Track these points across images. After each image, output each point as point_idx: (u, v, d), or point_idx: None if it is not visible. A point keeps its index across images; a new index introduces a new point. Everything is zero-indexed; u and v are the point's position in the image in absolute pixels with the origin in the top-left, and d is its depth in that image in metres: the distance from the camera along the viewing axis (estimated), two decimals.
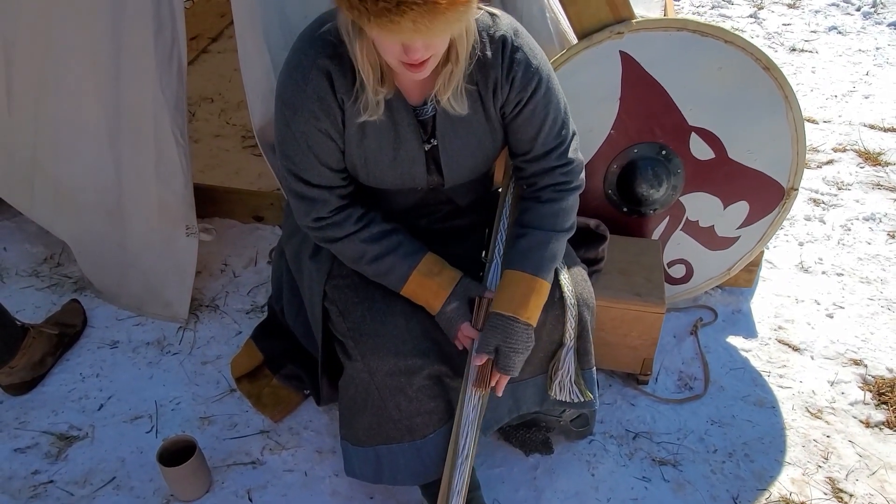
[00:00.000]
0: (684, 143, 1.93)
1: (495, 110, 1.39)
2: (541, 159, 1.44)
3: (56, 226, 2.34)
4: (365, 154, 1.38)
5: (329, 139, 1.35)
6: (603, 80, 1.85)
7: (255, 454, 1.82)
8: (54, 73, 1.98)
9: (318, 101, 1.30)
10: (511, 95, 1.36)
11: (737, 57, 1.79)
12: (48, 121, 2.09)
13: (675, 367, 2.06)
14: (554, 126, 1.41)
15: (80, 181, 2.13)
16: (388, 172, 1.42)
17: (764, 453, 1.81)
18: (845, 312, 2.26)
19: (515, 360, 1.41)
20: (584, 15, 1.79)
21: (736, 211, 2.03)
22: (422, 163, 1.42)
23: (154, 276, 2.20)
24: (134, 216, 2.14)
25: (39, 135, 2.13)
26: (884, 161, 3.05)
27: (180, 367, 2.06)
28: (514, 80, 1.34)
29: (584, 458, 1.80)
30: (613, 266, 1.92)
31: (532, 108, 1.37)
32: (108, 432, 1.87)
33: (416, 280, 1.45)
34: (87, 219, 2.19)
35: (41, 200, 2.28)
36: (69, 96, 2.00)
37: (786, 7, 4.89)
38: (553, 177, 1.45)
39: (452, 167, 1.44)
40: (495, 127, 1.42)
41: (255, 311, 2.25)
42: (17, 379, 1.94)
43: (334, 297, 1.52)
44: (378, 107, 1.30)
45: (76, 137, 2.06)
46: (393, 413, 1.49)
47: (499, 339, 1.39)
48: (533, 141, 1.41)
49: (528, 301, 1.40)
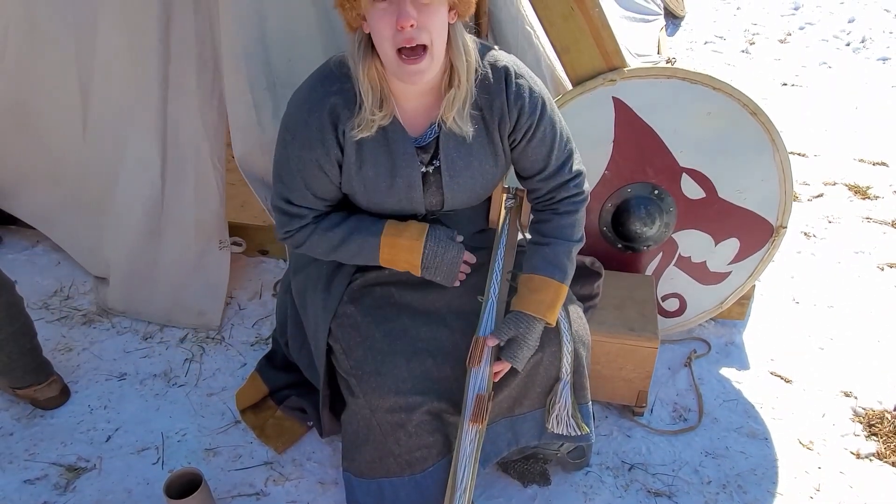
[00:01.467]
0: (676, 183, 2.01)
1: (500, 136, 1.48)
2: (556, 174, 1.53)
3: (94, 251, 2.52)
4: (364, 181, 1.47)
5: (320, 170, 1.45)
6: (597, 123, 1.93)
7: (258, 485, 1.86)
8: (113, 107, 2.26)
9: (318, 133, 1.41)
10: (521, 121, 1.46)
11: (725, 102, 1.87)
12: (105, 150, 2.33)
13: (669, 399, 2.11)
14: (562, 141, 1.52)
15: (131, 202, 2.34)
16: (386, 198, 1.50)
17: (757, 485, 1.86)
18: (836, 345, 2.32)
19: (524, 354, 1.51)
20: (577, 63, 1.87)
21: (727, 247, 2.10)
22: (419, 188, 1.49)
23: (185, 290, 2.36)
24: (171, 234, 2.34)
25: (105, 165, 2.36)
26: (872, 195, 3.13)
27: (186, 398, 2.11)
28: (523, 108, 1.44)
29: (580, 490, 1.84)
30: (608, 301, 1.98)
31: (543, 130, 1.48)
32: (115, 464, 1.91)
33: (387, 243, 1.53)
34: (130, 238, 2.36)
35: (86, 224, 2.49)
36: (124, 128, 2.26)
37: (777, 42, 5.03)
38: (568, 189, 1.55)
39: (454, 188, 1.51)
40: (498, 152, 1.50)
41: (260, 344, 2.30)
42: (55, 391, 2.04)
43: (338, 335, 1.57)
44: (371, 126, 1.39)
45: (132, 165, 2.29)
46: (393, 448, 1.53)
47: (516, 331, 1.50)
48: (548, 158, 1.51)
49: (554, 306, 1.52)
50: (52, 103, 2.38)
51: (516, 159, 1.54)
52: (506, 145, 1.50)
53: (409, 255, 1.53)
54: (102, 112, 2.31)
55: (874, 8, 5.40)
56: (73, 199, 2.50)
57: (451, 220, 1.60)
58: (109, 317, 2.40)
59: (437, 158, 1.48)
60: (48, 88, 2.35)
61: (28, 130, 2.47)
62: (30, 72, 2.35)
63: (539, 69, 1.92)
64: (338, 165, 1.45)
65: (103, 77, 2.24)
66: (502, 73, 1.43)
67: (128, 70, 2.18)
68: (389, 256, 1.53)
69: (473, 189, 1.54)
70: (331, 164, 1.44)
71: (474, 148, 1.47)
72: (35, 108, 2.42)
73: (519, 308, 1.52)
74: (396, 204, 1.51)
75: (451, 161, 1.48)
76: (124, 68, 2.19)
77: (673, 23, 5.28)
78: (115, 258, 2.41)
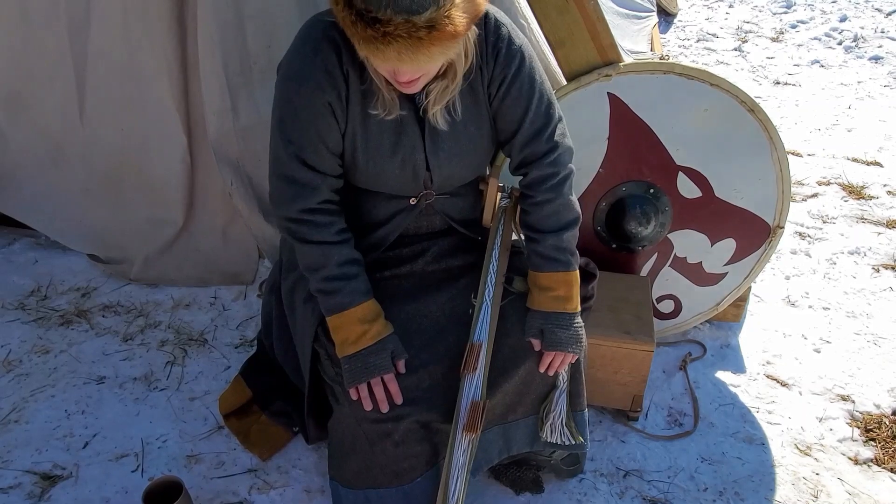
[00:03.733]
0: (672, 181, 1.96)
1: (483, 91, 1.40)
2: (530, 142, 1.43)
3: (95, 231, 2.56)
4: (367, 137, 1.38)
5: (331, 115, 1.34)
6: (592, 120, 1.88)
7: (242, 494, 1.79)
8: (138, 93, 2.29)
9: (326, 73, 1.31)
10: (496, 71, 1.38)
11: (722, 99, 1.83)
12: (136, 131, 2.37)
13: (664, 403, 2.07)
14: (541, 105, 1.42)
15: (166, 178, 2.41)
16: (388, 162, 1.40)
17: (754, 491, 1.81)
18: (832, 347, 2.28)
19: (562, 336, 1.46)
20: (572, 57, 1.82)
21: (723, 248, 2.06)
22: (422, 150, 1.42)
23: (219, 254, 2.48)
24: (202, 204, 2.46)
25: (128, 141, 2.40)
26: (867, 195, 3.11)
27: (167, 403, 2.04)
28: (499, 56, 1.36)
29: (574, 497, 1.79)
30: (603, 303, 1.93)
31: (518, 85, 1.38)
32: (92, 471, 1.84)
33: (349, 317, 1.42)
34: (164, 211, 2.46)
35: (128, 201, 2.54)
36: (153, 110, 2.31)
37: (769, 41, 5.01)
38: (541, 168, 1.44)
39: (443, 166, 1.44)
40: (483, 116, 1.42)
41: (245, 346, 2.24)
42: None
43: (324, 340, 1.51)
44: (394, 104, 1.33)
45: (163, 144, 2.36)
46: (380, 458, 1.48)
47: (541, 323, 1.47)
48: (521, 120, 1.41)
49: (571, 294, 1.49)
50: (47, 90, 2.36)
51: (495, 117, 1.44)
52: (487, 101, 1.41)
53: (351, 341, 1.41)
54: (100, 97, 2.31)
55: (866, 7, 5.40)
56: (75, 183, 2.52)
57: (445, 206, 1.53)
58: (88, 317, 2.33)
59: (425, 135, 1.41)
60: (42, 76, 2.33)
61: (23, 119, 2.45)
62: (22, 59, 2.32)
63: None
64: (346, 106, 1.35)
65: (99, 61, 2.23)
66: (482, 20, 1.34)
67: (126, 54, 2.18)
68: (337, 323, 1.43)
69: (462, 165, 1.46)
70: (341, 106, 1.34)
71: (461, 120, 1.40)
72: (30, 95, 2.39)
73: (534, 307, 1.49)
74: (398, 167, 1.41)
75: (437, 137, 1.41)
76: (122, 53, 2.18)
77: (666, 20, 5.24)
78: (143, 232, 2.48)
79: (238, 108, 2.10)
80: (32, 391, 2.06)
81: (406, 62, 1.12)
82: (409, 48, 1.09)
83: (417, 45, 1.09)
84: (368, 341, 1.41)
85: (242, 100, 2.09)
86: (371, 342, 1.41)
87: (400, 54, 1.11)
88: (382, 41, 1.09)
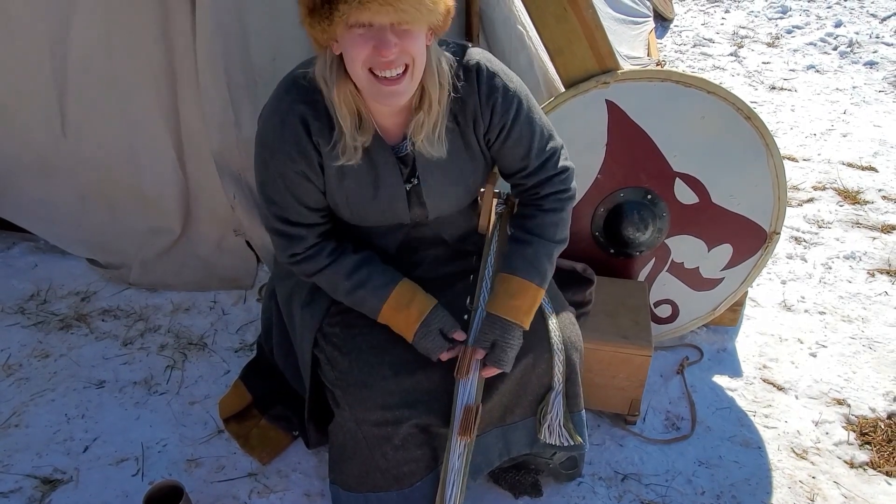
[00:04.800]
0: (669, 188, 1.98)
1: (476, 139, 1.42)
2: (538, 171, 1.48)
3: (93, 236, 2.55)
4: (346, 193, 1.41)
5: (306, 180, 1.38)
6: (590, 127, 1.90)
7: (242, 498, 1.80)
8: (123, 106, 2.26)
9: (295, 144, 1.34)
10: (494, 121, 1.39)
11: (719, 107, 1.85)
12: (122, 144, 2.35)
13: (662, 407, 2.08)
14: (542, 141, 1.45)
15: (158, 189, 2.40)
16: (370, 210, 1.44)
17: (751, 495, 1.83)
18: (828, 351, 2.30)
19: (510, 355, 1.47)
20: (570, 65, 1.84)
21: (720, 253, 2.08)
22: (403, 199, 1.44)
23: (217, 260, 2.47)
24: (198, 216, 2.47)
25: (113, 154, 2.38)
26: (862, 199, 3.13)
27: (167, 407, 2.04)
28: (496, 107, 1.37)
29: (572, 501, 1.80)
30: (600, 308, 1.95)
31: (518, 130, 1.41)
32: (93, 476, 1.84)
33: (388, 313, 1.48)
34: (161, 220, 2.46)
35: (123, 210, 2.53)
36: (141, 125, 2.28)
37: (765, 46, 5.04)
38: (553, 185, 1.49)
39: (436, 200, 1.46)
40: (476, 155, 1.45)
41: (244, 350, 2.24)
42: None
43: (323, 345, 1.52)
44: (356, 153, 1.33)
45: (153, 158, 2.34)
46: (380, 462, 1.49)
47: (497, 335, 1.46)
48: (526, 159, 1.46)
49: (531, 310, 1.48)
50: (30, 103, 2.34)
51: (495, 157, 1.48)
52: (483, 146, 1.44)
53: (405, 330, 1.48)
54: (83, 110, 2.28)
55: (861, 13, 5.43)
56: (69, 190, 2.50)
57: (438, 224, 1.55)
58: (88, 321, 2.34)
59: (414, 177, 1.43)
60: (26, 89, 2.31)
61: (9, 131, 2.44)
62: (6, 71, 2.31)
63: (531, 71, 1.89)
64: (321, 171, 1.39)
65: (81, 74, 2.21)
66: (473, 71, 1.35)
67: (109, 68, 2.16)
68: (386, 321, 1.49)
69: (457, 195, 1.49)
70: (315, 172, 1.38)
71: (451, 157, 1.41)
72: (15, 107, 2.38)
73: (495, 312, 1.47)
74: (381, 215, 1.46)
75: (428, 175, 1.42)
76: (104, 66, 2.16)
77: (662, 25, 5.27)
78: (140, 238, 2.48)
79: (241, 121, 2.09)
80: (32, 395, 2.06)
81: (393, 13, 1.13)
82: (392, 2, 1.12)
83: None
84: (414, 325, 1.46)
85: (246, 113, 2.08)
86: (416, 325, 1.46)
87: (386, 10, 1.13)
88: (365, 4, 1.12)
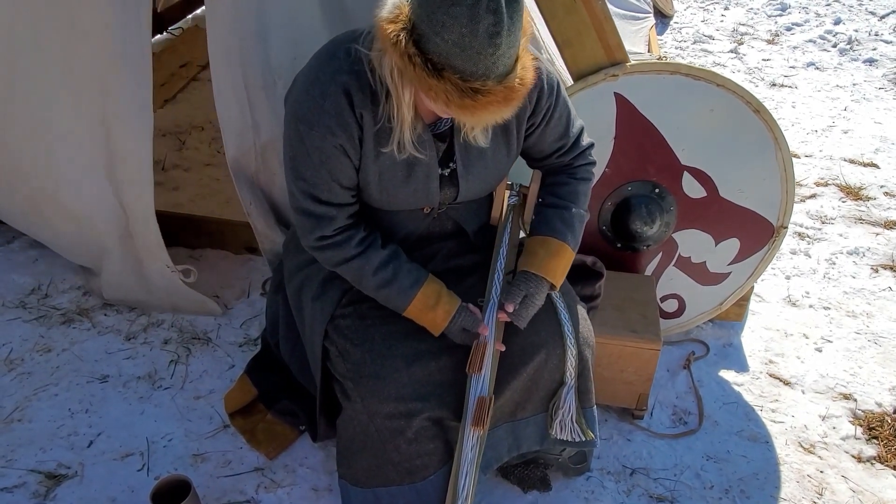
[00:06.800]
0: (677, 181, 1.97)
1: (517, 124, 1.45)
2: (573, 148, 1.55)
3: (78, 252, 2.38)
4: (380, 170, 1.38)
5: (344, 155, 1.34)
6: (598, 119, 1.89)
7: (249, 493, 1.79)
8: (43, 113, 2.01)
9: (336, 116, 1.30)
10: (541, 104, 1.43)
11: (728, 100, 1.84)
12: (47, 156, 2.10)
13: (669, 402, 2.08)
14: (574, 117, 1.55)
15: (89, 210, 2.16)
16: (400, 189, 1.41)
17: (759, 489, 1.83)
18: (833, 346, 2.30)
19: (531, 312, 1.49)
20: (579, 57, 1.83)
21: (727, 247, 2.07)
22: (436, 178, 1.43)
23: (175, 284, 2.24)
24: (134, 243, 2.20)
25: (39, 168, 2.15)
26: (864, 196, 3.14)
27: (172, 402, 2.03)
28: (542, 90, 1.41)
29: (581, 495, 1.79)
30: (608, 302, 1.94)
31: (560, 108, 1.48)
32: (97, 470, 1.83)
33: (413, 313, 1.47)
34: (106, 242, 2.23)
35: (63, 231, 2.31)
36: (62, 135, 2.03)
37: (765, 43, 5.04)
38: (585, 157, 1.58)
39: (470, 180, 1.47)
40: (511, 141, 1.47)
41: (249, 344, 2.23)
42: None
43: (335, 337, 1.51)
44: (410, 146, 1.33)
45: (78, 172, 2.09)
46: (392, 455, 1.48)
47: (530, 289, 1.48)
48: (564, 137, 1.52)
49: (565, 272, 1.53)
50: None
51: (533, 143, 1.51)
52: (521, 132, 1.46)
53: (431, 328, 1.49)
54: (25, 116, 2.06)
55: (860, 10, 5.44)
56: (44, 196, 2.24)
57: (459, 213, 1.54)
58: (90, 316, 2.31)
59: (452, 161, 1.43)
60: None
61: None
62: None
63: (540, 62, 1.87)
64: (360, 146, 1.35)
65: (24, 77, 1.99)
66: None
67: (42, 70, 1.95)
68: (412, 317, 1.49)
69: (487, 180, 1.50)
70: (354, 147, 1.34)
71: (491, 142, 1.43)
72: None
73: (532, 270, 1.49)
74: (411, 195, 1.43)
75: (466, 157, 1.43)
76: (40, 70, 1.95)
77: (662, 21, 5.26)
78: (104, 254, 2.28)
79: (259, 124, 1.97)
80: (35, 390, 2.04)
81: (498, 116, 1.18)
82: (503, 104, 1.15)
83: (510, 99, 1.15)
84: (443, 324, 1.47)
85: (265, 115, 1.95)
86: (445, 324, 1.47)
87: (494, 114, 1.17)
88: (480, 107, 1.13)
